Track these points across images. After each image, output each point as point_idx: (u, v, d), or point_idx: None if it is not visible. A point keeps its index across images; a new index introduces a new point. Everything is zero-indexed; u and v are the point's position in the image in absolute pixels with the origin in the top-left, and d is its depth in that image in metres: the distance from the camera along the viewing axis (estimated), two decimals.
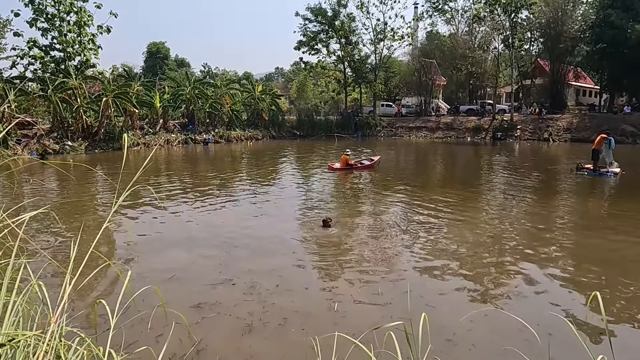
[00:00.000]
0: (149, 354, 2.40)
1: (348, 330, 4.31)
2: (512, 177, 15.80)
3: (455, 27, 46.32)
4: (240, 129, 35.19)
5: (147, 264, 6.62)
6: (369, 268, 6.30)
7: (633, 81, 34.44)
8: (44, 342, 1.72)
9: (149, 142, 27.90)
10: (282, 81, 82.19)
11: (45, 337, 1.73)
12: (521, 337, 4.18)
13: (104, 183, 14.31)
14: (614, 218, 9.71)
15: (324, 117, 43.78)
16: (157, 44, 70.52)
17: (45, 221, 8.40)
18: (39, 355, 1.69)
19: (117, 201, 2.07)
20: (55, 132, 25.14)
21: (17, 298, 1.93)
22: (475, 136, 36.34)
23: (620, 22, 31.88)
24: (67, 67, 28.51)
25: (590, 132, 30.78)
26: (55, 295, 1.90)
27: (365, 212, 9.98)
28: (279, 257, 6.87)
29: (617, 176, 14.60)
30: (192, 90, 32.79)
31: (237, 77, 64.38)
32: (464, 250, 7.09)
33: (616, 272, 6.20)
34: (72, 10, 29.12)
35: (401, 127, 40.63)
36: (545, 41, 40.88)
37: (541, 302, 5.26)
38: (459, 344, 4.19)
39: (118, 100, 26.73)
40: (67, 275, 1.89)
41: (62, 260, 6.15)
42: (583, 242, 7.79)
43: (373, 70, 43.42)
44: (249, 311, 4.92)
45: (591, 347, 1.91)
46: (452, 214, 9.66)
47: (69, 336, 1.99)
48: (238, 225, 9.00)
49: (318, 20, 41.81)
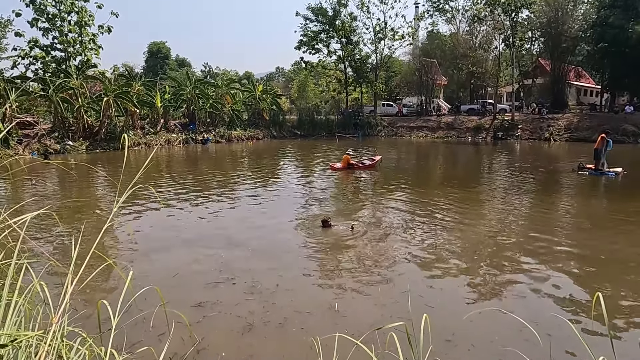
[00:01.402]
0: (150, 353, 2.41)
1: (348, 330, 4.32)
2: (513, 177, 15.80)
3: (456, 26, 46.32)
4: (241, 128, 35.22)
5: (149, 263, 6.64)
6: (369, 268, 6.30)
7: (634, 80, 34.36)
8: (45, 342, 1.73)
9: (150, 141, 27.94)
10: (282, 81, 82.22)
11: (47, 337, 1.73)
12: (521, 338, 4.19)
13: (106, 183, 14.34)
14: (615, 218, 9.69)
15: (325, 116, 43.80)
16: (158, 44, 70.64)
17: (47, 221, 8.41)
18: (41, 355, 1.70)
19: (118, 200, 2.07)
20: (57, 131, 25.18)
21: (19, 298, 1.94)
22: (476, 136, 36.32)
23: (620, 22, 31.83)
24: (68, 67, 28.57)
25: (591, 131, 30.73)
26: (57, 296, 1.91)
27: (365, 211, 9.99)
28: (280, 256, 6.88)
29: (618, 176, 14.58)
30: (192, 90, 32.81)
31: (238, 77, 64.43)
32: (464, 250, 7.09)
33: (618, 272, 6.19)
34: (73, 10, 29.18)
35: (402, 126, 40.61)
36: (546, 40, 40.85)
37: (542, 302, 5.26)
38: (458, 345, 4.20)
39: (119, 100, 26.76)
40: (69, 275, 1.89)
41: (64, 260, 6.16)
42: (584, 242, 7.78)
43: (374, 70, 43.40)
44: (250, 310, 4.93)
45: (592, 348, 1.91)
46: (452, 214, 9.66)
47: (71, 336, 2.00)
48: (239, 224, 9.02)
49: (319, 19, 41.82)
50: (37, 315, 2.09)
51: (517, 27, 36.99)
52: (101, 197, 12.52)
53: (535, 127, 34.65)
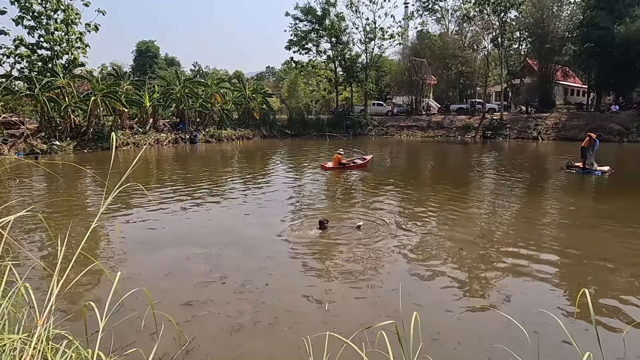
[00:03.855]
0: (139, 355, 2.39)
1: (336, 328, 4.31)
2: (502, 176, 15.96)
3: (445, 26, 46.63)
4: (231, 128, 35.07)
5: (137, 264, 6.58)
6: (358, 267, 6.31)
7: (620, 80, 34.93)
8: (30, 345, 1.70)
9: (139, 141, 27.67)
10: (273, 80, 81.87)
11: (31, 340, 1.71)
12: (508, 335, 4.23)
13: (93, 183, 14.16)
14: (602, 215, 9.85)
15: (315, 116, 43.81)
16: (147, 43, 69.78)
17: (32, 222, 8.29)
18: (26, 358, 1.67)
19: (105, 200, 2.05)
20: (43, 131, 24.80)
21: (3, 301, 1.91)
22: (465, 135, 36.62)
23: (605, 23, 32.32)
24: (55, 65, 28.14)
25: (578, 130, 31.20)
26: (42, 298, 1.88)
27: (356, 211, 10.00)
28: (270, 256, 6.86)
29: (605, 174, 14.81)
30: (182, 89, 32.57)
31: (228, 76, 64.02)
32: (453, 249, 7.14)
33: (604, 269, 6.29)
34: (59, 7, 28.73)
35: (392, 126, 40.78)
36: (533, 41, 41.32)
37: (529, 299, 5.31)
38: (446, 343, 4.20)
39: (107, 100, 26.43)
40: (54, 276, 1.87)
41: (50, 261, 6.07)
42: (571, 239, 7.89)
43: (364, 69, 43.49)
44: (240, 310, 4.91)
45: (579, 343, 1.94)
46: (442, 213, 9.74)
47: (57, 339, 1.97)
48: (229, 224, 8.98)
49: (308, 19, 41.76)
50: (22, 318, 2.05)
51: (506, 27, 37.35)
52: (89, 197, 12.36)
53: (524, 126, 35.05)
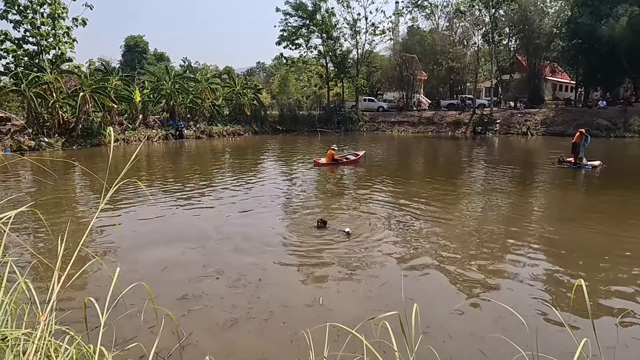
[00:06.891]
0: (139, 349, 2.41)
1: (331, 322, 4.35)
2: (494, 171, 16.14)
3: (435, 22, 46.79)
4: (222, 124, 34.87)
5: (134, 259, 6.59)
6: (353, 261, 6.37)
7: (607, 76, 35.44)
8: (33, 340, 1.71)
9: (129, 137, 27.41)
10: (264, 76, 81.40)
11: (35, 336, 1.72)
12: (500, 327, 4.32)
13: (86, 180, 14.03)
14: (593, 209, 10.05)
15: (307, 112, 43.73)
16: (135, 38, 68.87)
17: (30, 219, 8.22)
18: (29, 353, 1.69)
19: (105, 197, 2.06)
20: (31, 128, 24.41)
21: (5, 297, 1.91)
22: (455, 130, 36.89)
23: (592, 20, 32.72)
24: (42, 60, 27.67)
25: (566, 126, 31.61)
26: (44, 294, 1.88)
27: (349, 206, 10.06)
28: (264, 251, 6.88)
29: (596, 169, 15.07)
30: (172, 84, 32.27)
31: (218, 72, 63.48)
32: (445, 243, 7.23)
33: (596, 260, 6.42)
34: (45, 1, 28.16)
35: (383, 121, 40.91)
36: (522, 37, 41.67)
37: (522, 291, 5.41)
38: (436, 337, 4.24)
39: (96, 95, 26.06)
40: (55, 272, 1.88)
41: (50, 258, 6.04)
42: (564, 232, 8.00)
43: (355, 65, 43.48)
44: (234, 304, 4.95)
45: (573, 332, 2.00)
46: (434, 208, 9.82)
47: (59, 334, 1.98)
48: (223, 219, 8.99)
49: (298, 14, 41.53)
50: (22, 315, 2.06)
51: (497, 23, 37.61)
52: (83, 194, 12.25)
53: (513, 122, 35.42)
